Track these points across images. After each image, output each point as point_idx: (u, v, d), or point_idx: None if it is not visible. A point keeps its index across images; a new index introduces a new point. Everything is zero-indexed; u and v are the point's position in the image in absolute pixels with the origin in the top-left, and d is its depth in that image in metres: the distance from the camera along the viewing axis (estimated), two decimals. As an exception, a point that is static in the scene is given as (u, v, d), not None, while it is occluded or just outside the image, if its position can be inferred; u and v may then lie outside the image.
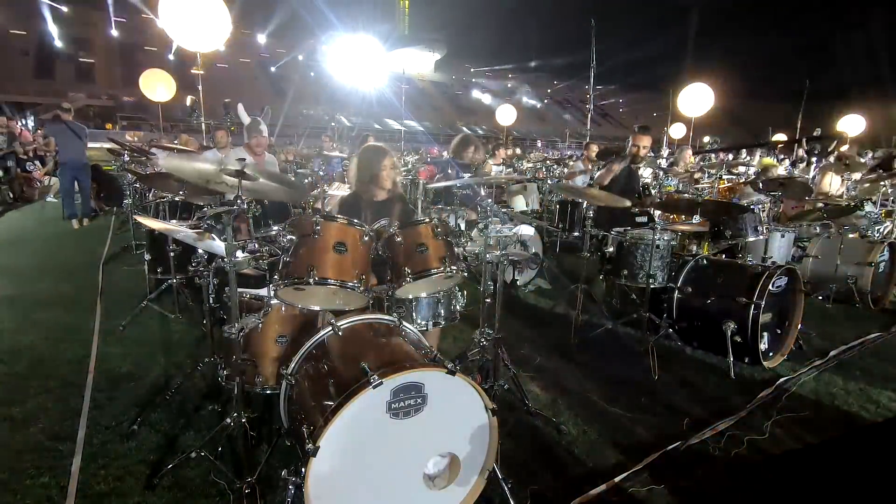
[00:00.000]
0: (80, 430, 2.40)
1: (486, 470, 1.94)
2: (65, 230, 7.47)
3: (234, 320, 2.02)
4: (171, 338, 3.57)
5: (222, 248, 1.94)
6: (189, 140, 8.76)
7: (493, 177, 4.33)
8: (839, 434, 2.66)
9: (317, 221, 2.16)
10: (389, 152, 3.08)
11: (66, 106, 7.59)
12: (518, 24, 60.01)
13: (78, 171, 7.52)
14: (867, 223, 5.15)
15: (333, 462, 1.65)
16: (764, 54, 56.94)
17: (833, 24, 46.85)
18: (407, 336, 2.17)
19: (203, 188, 2.28)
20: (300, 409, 1.93)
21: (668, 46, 52.26)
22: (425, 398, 1.73)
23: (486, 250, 2.60)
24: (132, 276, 4.86)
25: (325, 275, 2.11)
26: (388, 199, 3.06)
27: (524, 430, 2.57)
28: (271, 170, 4.72)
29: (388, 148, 3.15)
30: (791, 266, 3.49)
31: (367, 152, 3.10)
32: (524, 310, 4.46)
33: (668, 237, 3.49)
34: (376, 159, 2.99)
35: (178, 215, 4.72)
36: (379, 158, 2.99)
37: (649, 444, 2.47)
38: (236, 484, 2.02)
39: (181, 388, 2.73)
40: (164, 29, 6.54)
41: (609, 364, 3.32)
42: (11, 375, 2.95)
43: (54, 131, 7.50)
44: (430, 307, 2.63)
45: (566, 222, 6.12)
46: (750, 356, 3.21)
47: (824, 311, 4.48)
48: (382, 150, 3.07)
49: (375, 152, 3.05)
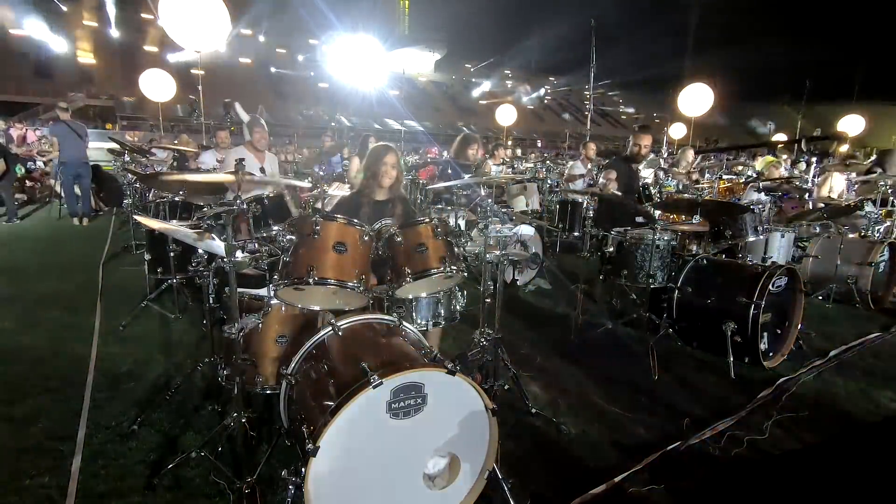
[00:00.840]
0: (80, 430, 2.40)
1: (486, 470, 1.94)
2: (65, 230, 7.48)
3: (234, 320, 2.02)
4: (171, 338, 3.57)
5: (222, 248, 1.94)
6: (189, 140, 8.77)
7: (493, 177, 4.32)
8: (839, 434, 2.66)
9: (316, 221, 2.16)
10: (393, 149, 3.04)
11: (63, 105, 7.70)
12: (518, 24, 60.08)
13: (79, 169, 7.60)
14: (867, 223, 5.15)
15: (333, 462, 1.65)
16: (764, 54, 57.03)
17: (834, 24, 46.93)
18: (407, 336, 2.17)
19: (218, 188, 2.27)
20: (300, 409, 1.93)
21: (668, 46, 52.30)
22: (425, 398, 1.73)
23: (486, 250, 2.60)
24: (132, 276, 4.86)
25: (324, 275, 2.11)
26: (389, 199, 3.04)
27: (524, 430, 2.57)
28: (272, 168, 4.73)
29: (392, 146, 3.13)
30: (791, 266, 3.50)
31: (372, 150, 3.08)
32: (524, 310, 4.46)
33: (668, 237, 3.49)
34: (379, 156, 2.97)
35: (178, 215, 4.72)
36: (381, 155, 2.96)
37: (649, 444, 2.47)
38: (236, 484, 2.02)
39: (181, 388, 2.72)
40: (164, 29, 6.55)
41: (609, 364, 3.32)
42: (11, 375, 2.95)
43: (56, 132, 7.58)
44: (430, 307, 2.63)
45: (566, 222, 6.13)
46: (750, 356, 3.21)
47: (824, 311, 4.48)
48: (386, 147, 3.04)
49: (380, 148, 3.03)
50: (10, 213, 7.71)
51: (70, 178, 7.64)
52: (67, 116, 7.55)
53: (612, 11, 48.17)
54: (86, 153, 7.72)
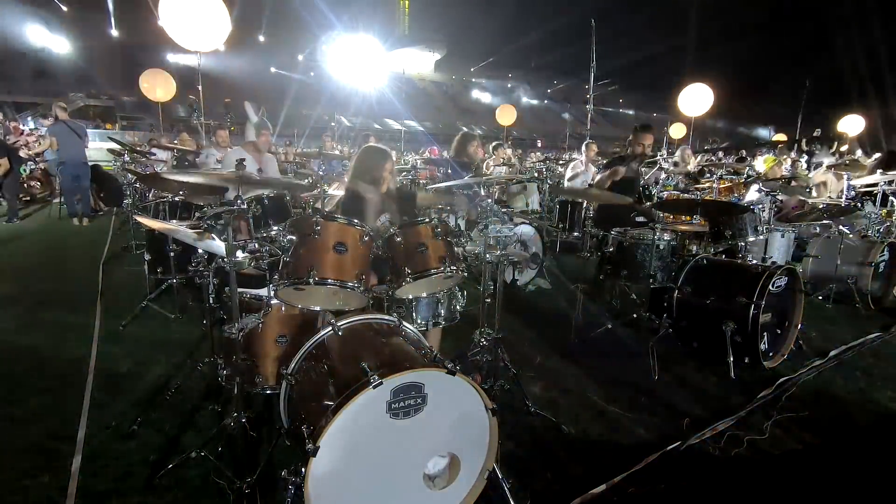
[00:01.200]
0: (80, 430, 2.40)
1: (486, 470, 1.94)
2: (65, 230, 7.48)
3: (234, 320, 2.02)
4: (171, 338, 3.57)
5: (222, 248, 1.94)
6: (189, 140, 8.77)
7: (493, 177, 4.32)
8: (839, 434, 2.66)
9: (317, 221, 2.16)
10: (391, 156, 3.09)
11: (62, 105, 7.75)
12: (518, 24, 60.04)
13: (78, 169, 7.60)
14: (867, 223, 5.15)
15: (333, 462, 1.65)
16: (764, 54, 56.99)
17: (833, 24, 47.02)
18: (407, 336, 2.17)
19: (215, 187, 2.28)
20: (300, 409, 1.93)
21: (668, 46, 52.23)
22: (425, 398, 1.73)
23: (486, 250, 2.60)
24: (132, 276, 4.85)
25: (324, 275, 2.12)
26: (385, 197, 3.07)
27: (524, 430, 2.57)
28: (271, 169, 4.73)
29: (389, 151, 3.16)
30: (791, 266, 3.49)
31: (371, 153, 3.10)
32: (524, 310, 4.46)
33: (668, 237, 3.49)
34: (379, 163, 3.00)
35: (178, 215, 4.73)
36: (382, 162, 3.01)
37: (649, 444, 2.47)
38: (236, 484, 2.02)
39: (181, 388, 2.73)
40: (164, 29, 6.55)
41: (609, 364, 3.32)
42: (12, 375, 2.95)
43: (55, 131, 7.58)
44: (430, 307, 2.63)
45: (566, 222, 6.12)
46: (750, 356, 3.20)
47: (824, 311, 4.48)
48: (385, 154, 3.07)
49: (379, 155, 3.05)
50: (12, 213, 7.72)
51: (69, 178, 7.65)
52: (66, 116, 7.57)
53: (613, 11, 48.02)
54: (85, 153, 7.72)
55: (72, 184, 7.71)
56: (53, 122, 7.66)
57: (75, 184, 7.71)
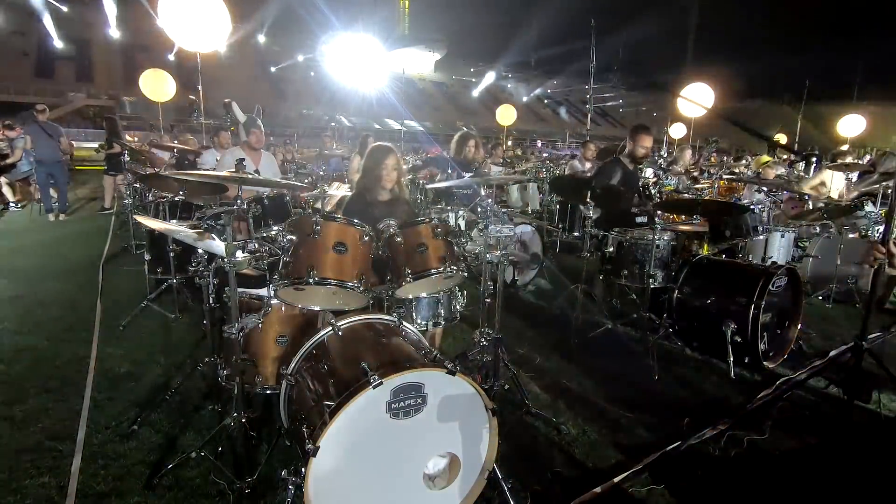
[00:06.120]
0: (80, 430, 2.40)
1: (486, 470, 1.94)
2: (65, 230, 7.48)
3: (234, 320, 2.02)
4: (171, 338, 3.57)
5: (222, 248, 1.94)
6: (192, 140, 8.76)
7: (493, 177, 4.32)
8: (839, 434, 2.66)
9: (316, 221, 2.16)
10: (394, 151, 3.05)
11: (39, 108, 8.13)
12: (518, 24, 59.98)
13: (52, 167, 8.04)
14: (867, 223, 5.14)
15: (333, 462, 1.65)
16: (764, 54, 57.07)
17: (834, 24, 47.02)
18: (407, 336, 2.17)
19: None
20: (300, 409, 1.93)
21: (668, 46, 52.27)
22: (425, 398, 1.73)
23: (486, 250, 2.59)
24: (132, 276, 4.85)
25: (324, 275, 2.11)
26: (393, 200, 3.04)
27: (524, 430, 2.57)
28: (271, 169, 4.73)
29: (392, 147, 3.13)
30: (791, 266, 3.49)
31: (372, 152, 3.08)
32: (524, 310, 4.46)
33: (668, 237, 3.49)
34: (379, 158, 2.97)
35: (178, 215, 4.72)
36: (382, 157, 2.96)
37: (649, 444, 2.47)
38: (236, 484, 2.02)
39: (181, 388, 2.73)
40: (163, 29, 6.55)
41: (609, 364, 3.32)
42: (11, 375, 2.95)
43: (29, 132, 8.10)
44: (430, 307, 2.63)
45: (566, 222, 6.12)
46: (750, 356, 3.20)
47: (824, 311, 4.48)
48: (386, 149, 3.04)
49: (380, 151, 3.03)
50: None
51: (44, 176, 8.06)
52: (43, 118, 7.96)
53: (612, 11, 48.02)
54: (59, 152, 8.10)
55: (47, 181, 8.12)
56: (31, 124, 8.07)
57: (51, 181, 8.12)
